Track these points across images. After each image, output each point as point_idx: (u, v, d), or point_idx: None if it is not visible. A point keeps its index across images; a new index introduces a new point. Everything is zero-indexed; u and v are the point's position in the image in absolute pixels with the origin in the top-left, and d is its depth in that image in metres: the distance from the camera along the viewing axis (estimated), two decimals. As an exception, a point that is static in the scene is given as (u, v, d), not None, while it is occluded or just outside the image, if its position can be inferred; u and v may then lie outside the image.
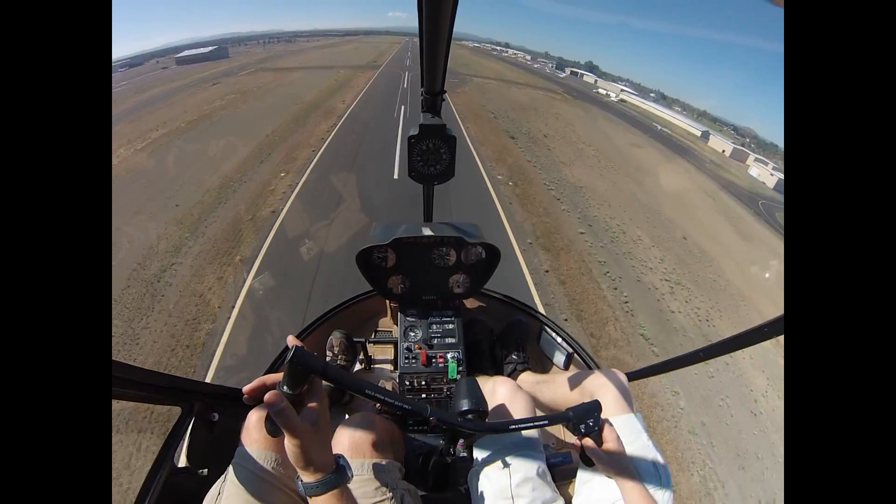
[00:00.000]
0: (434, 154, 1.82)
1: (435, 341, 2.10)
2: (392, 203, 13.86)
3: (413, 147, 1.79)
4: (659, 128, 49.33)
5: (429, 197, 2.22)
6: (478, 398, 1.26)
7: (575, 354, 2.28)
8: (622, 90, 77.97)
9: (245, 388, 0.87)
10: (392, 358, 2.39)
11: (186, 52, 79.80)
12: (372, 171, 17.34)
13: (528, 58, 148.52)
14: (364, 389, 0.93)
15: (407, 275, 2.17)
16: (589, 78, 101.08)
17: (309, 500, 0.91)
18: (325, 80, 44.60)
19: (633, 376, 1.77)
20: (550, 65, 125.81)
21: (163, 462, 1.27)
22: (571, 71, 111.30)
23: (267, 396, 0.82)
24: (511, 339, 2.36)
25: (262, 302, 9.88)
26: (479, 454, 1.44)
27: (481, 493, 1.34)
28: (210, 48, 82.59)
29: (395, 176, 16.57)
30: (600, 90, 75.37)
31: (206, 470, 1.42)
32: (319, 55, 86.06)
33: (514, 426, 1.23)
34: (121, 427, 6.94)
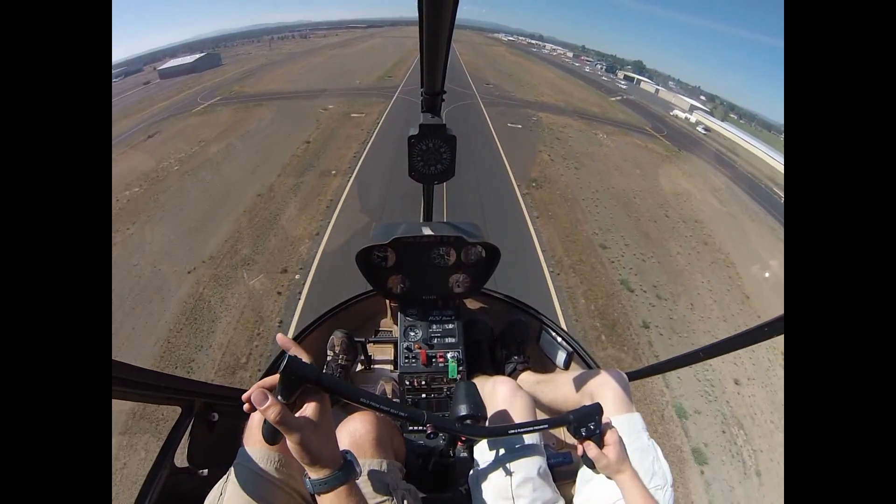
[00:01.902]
0: (434, 154, 1.82)
1: (435, 341, 2.10)
2: None
3: (413, 147, 1.79)
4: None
5: (429, 197, 2.22)
6: (476, 403, 1.25)
7: (575, 354, 2.28)
8: (692, 107, 67.13)
9: (244, 396, 0.87)
10: (392, 358, 2.39)
11: (171, 64, 67.12)
12: None
13: (571, 55, 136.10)
14: (359, 398, 0.93)
15: (407, 274, 2.17)
16: (648, 86, 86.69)
17: (317, 498, 0.90)
18: (297, 133, 26.58)
19: (633, 376, 1.77)
20: (599, 66, 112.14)
21: (163, 462, 1.27)
22: (625, 76, 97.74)
23: (253, 396, 0.81)
24: (511, 338, 2.36)
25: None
26: (479, 454, 1.44)
27: (482, 493, 1.34)
28: (197, 56, 69.27)
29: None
30: (678, 113, 61.92)
31: (206, 470, 1.42)
32: (323, 62, 68.78)
33: (513, 430, 1.21)
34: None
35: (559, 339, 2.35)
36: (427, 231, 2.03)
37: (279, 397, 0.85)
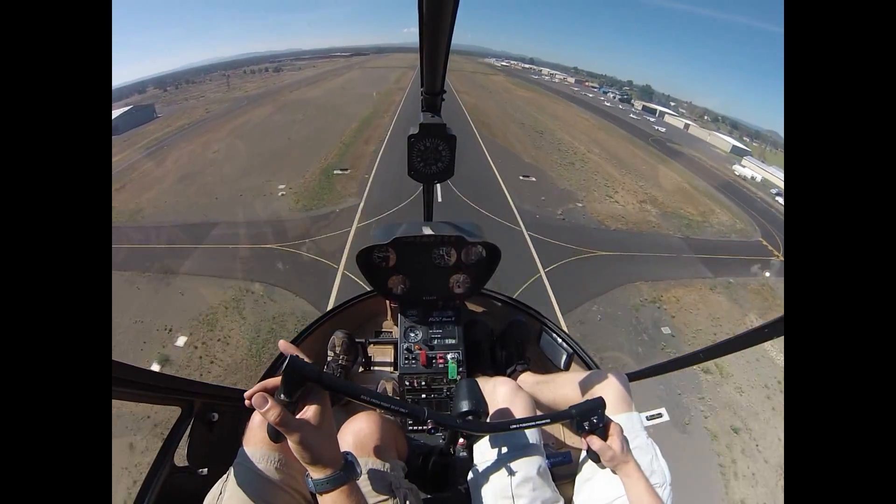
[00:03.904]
0: (434, 153, 1.81)
1: (435, 342, 2.10)
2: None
3: (413, 146, 1.79)
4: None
5: (429, 196, 2.21)
6: (477, 399, 1.25)
7: (575, 355, 2.28)
8: (736, 149, 58.04)
9: (247, 394, 0.88)
10: (392, 359, 2.38)
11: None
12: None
13: (573, 80, 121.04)
14: (360, 395, 0.94)
15: (407, 275, 2.17)
16: (675, 120, 72.99)
17: (318, 497, 0.91)
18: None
19: (633, 376, 1.77)
20: (612, 94, 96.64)
21: (163, 461, 1.27)
22: (644, 106, 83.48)
23: (255, 400, 0.82)
24: (511, 339, 2.35)
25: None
26: (479, 454, 1.44)
27: (482, 492, 1.34)
28: (120, 112, 52.92)
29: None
30: (739, 171, 50.15)
31: (205, 469, 1.42)
32: (265, 119, 48.38)
33: (514, 426, 1.22)
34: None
35: (559, 339, 2.35)
36: (427, 231, 2.03)
37: (282, 396, 0.86)
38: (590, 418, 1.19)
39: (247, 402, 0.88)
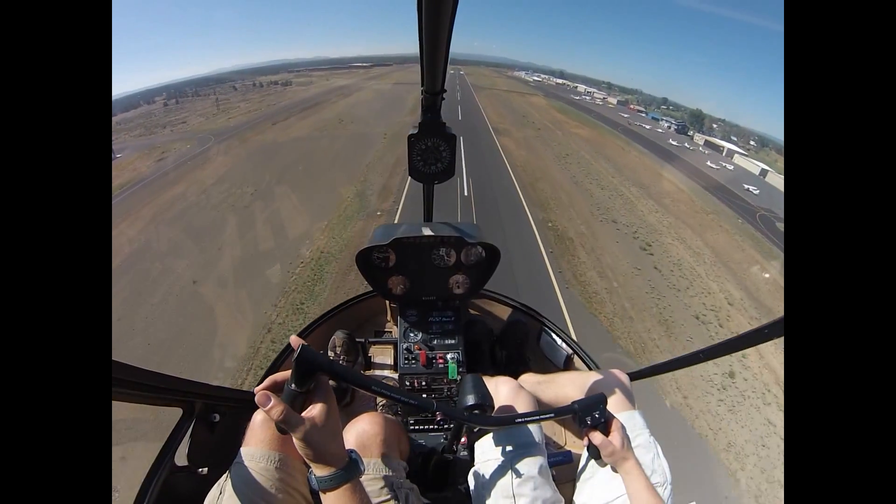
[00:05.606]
0: (434, 153, 1.81)
1: (435, 342, 2.10)
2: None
3: (413, 146, 1.78)
4: None
5: (429, 196, 2.21)
6: (483, 393, 1.26)
7: (575, 355, 2.27)
8: None
9: (256, 388, 0.88)
10: (392, 360, 2.38)
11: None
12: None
13: (616, 103, 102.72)
14: (370, 385, 0.94)
15: (407, 275, 2.16)
16: (746, 162, 57.78)
17: (321, 495, 0.91)
18: None
19: (634, 376, 1.77)
20: (668, 124, 78.14)
21: (163, 462, 1.27)
22: (707, 142, 68.66)
23: (257, 398, 0.82)
24: (511, 339, 2.35)
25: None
26: (480, 453, 1.44)
27: (482, 492, 1.35)
28: None
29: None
30: None
31: (205, 469, 1.42)
32: (218, 179, 31.72)
33: (519, 419, 1.23)
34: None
35: (559, 340, 2.34)
36: (427, 231, 2.02)
37: (293, 386, 0.86)
38: (592, 413, 1.20)
39: (256, 388, 0.89)
